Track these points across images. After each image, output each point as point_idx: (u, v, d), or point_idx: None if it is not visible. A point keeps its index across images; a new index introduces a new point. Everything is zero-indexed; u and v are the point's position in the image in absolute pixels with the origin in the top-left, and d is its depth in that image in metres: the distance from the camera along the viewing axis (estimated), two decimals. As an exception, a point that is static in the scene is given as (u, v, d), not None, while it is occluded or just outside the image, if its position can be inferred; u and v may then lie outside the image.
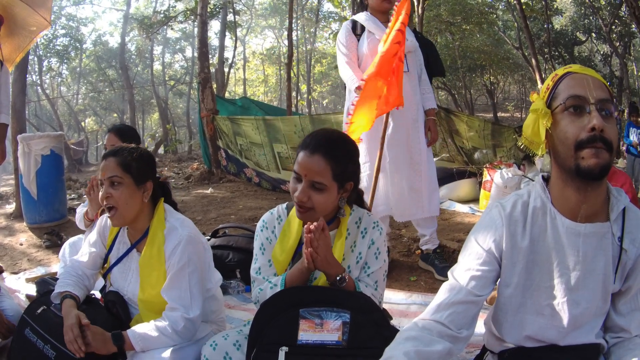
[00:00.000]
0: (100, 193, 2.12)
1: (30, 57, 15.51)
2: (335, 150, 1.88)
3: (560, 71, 1.52)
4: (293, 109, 11.97)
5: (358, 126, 3.33)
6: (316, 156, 1.85)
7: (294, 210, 2.04)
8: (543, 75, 11.39)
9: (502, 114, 24.99)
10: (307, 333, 1.74)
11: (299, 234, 2.01)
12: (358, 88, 3.41)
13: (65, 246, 3.44)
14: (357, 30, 3.73)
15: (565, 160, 1.45)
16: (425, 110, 3.79)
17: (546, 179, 1.62)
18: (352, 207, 2.06)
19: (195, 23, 16.12)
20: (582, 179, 1.44)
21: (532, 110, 1.52)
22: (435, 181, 3.85)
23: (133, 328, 2.01)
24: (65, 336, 1.92)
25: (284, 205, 2.13)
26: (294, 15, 13.47)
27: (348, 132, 3.24)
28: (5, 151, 3.74)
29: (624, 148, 8.81)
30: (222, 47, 17.38)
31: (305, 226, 1.83)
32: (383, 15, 3.68)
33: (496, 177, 5.95)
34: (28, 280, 4.11)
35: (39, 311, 2.17)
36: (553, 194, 1.56)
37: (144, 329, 2.00)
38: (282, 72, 29.92)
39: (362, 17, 3.71)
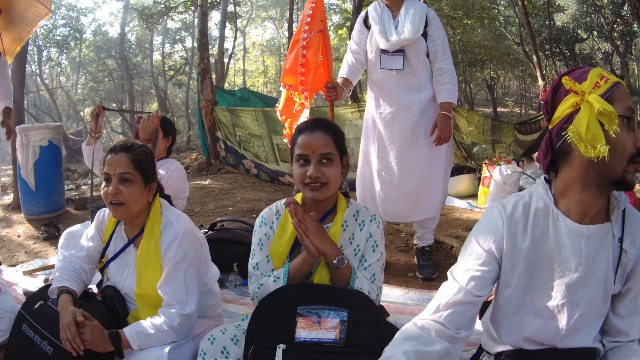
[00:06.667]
0: (105, 188, 2.09)
1: (29, 48, 15.46)
2: (330, 125, 2.07)
3: (611, 77, 1.46)
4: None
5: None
6: (317, 132, 2.00)
7: None
8: (544, 72, 11.37)
9: (502, 109, 24.96)
10: (305, 331, 1.75)
11: None
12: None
13: (63, 236, 3.42)
14: (369, 22, 3.53)
15: (613, 169, 1.42)
16: (438, 103, 3.44)
17: (548, 180, 1.61)
18: (349, 202, 2.13)
19: (196, 13, 16.08)
20: (617, 188, 1.46)
21: (600, 111, 1.38)
22: (437, 183, 3.61)
23: (129, 326, 2.00)
24: (62, 334, 1.91)
25: (283, 200, 2.16)
26: (295, 7, 13.41)
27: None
28: (12, 128, 3.82)
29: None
30: (222, 38, 17.28)
31: (289, 210, 1.96)
32: (393, 3, 3.43)
33: (495, 174, 5.95)
34: (25, 273, 4.10)
35: (35, 306, 2.16)
36: (563, 195, 1.54)
37: (140, 326, 1.99)
38: (281, 63, 29.80)
39: (371, 7, 3.52)
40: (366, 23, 3.57)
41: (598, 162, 1.40)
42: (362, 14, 3.64)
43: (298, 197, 2.11)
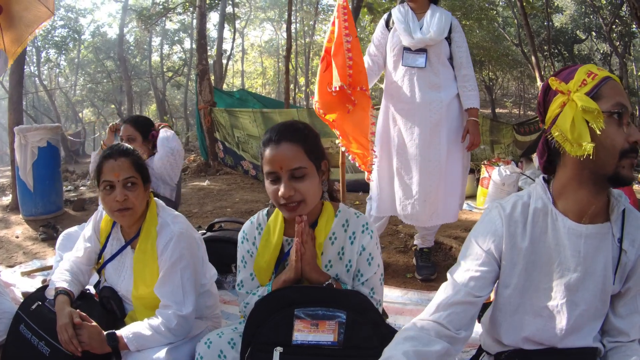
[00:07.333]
0: (108, 196, 2.06)
1: (28, 49, 15.44)
2: (297, 132, 1.83)
3: (600, 72, 1.46)
4: (290, 101, 11.94)
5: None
6: (283, 144, 1.78)
7: (273, 216, 2.00)
8: (542, 73, 11.37)
9: (500, 110, 25.00)
10: (302, 333, 1.71)
11: (280, 239, 1.96)
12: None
13: (61, 237, 3.42)
14: (391, 23, 3.56)
15: (605, 166, 1.42)
16: (465, 109, 3.51)
17: (547, 180, 1.60)
18: (337, 209, 1.99)
19: (194, 15, 16.09)
20: (613, 184, 1.45)
21: (583, 108, 1.40)
22: (455, 187, 3.57)
23: (127, 327, 1.99)
24: (60, 336, 1.91)
25: (265, 211, 2.08)
26: (293, 8, 13.42)
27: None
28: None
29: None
30: (220, 39, 17.29)
31: (297, 227, 1.81)
32: (419, 6, 3.49)
33: (494, 175, 5.95)
34: (23, 273, 4.09)
35: (33, 307, 2.15)
36: (561, 194, 1.54)
37: (137, 328, 1.98)
38: (280, 64, 29.85)
39: (395, 9, 3.56)
40: (387, 25, 3.60)
41: (588, 160, 1.40)
42: (385, 16, 3.66)
43: (279, 212, 1.98)
